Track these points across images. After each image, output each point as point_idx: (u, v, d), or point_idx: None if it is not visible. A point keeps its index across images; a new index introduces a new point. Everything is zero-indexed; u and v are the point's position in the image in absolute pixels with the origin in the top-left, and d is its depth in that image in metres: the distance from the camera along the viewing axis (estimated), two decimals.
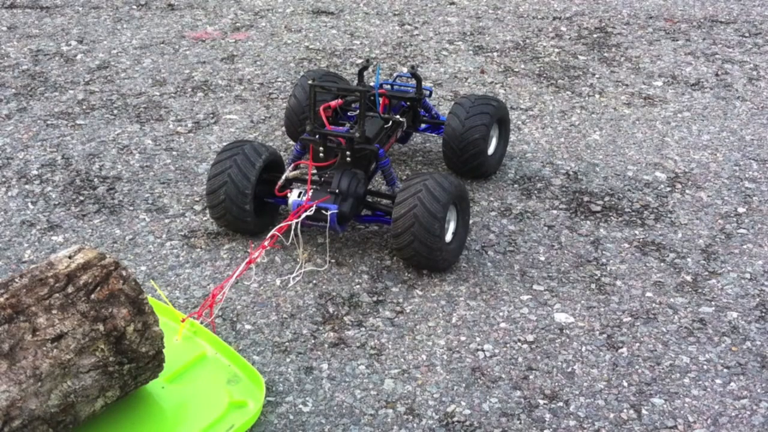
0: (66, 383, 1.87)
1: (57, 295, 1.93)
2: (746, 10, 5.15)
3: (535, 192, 3.20)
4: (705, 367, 2.40)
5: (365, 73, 3.57)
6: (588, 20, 4.93)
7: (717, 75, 4.25)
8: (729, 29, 4.84)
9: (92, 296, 1.95)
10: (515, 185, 3.24)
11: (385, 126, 2.93)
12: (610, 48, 4.54)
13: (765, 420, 2.23)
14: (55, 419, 1.86)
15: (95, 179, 3.20)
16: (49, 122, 3.60)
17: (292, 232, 2.62)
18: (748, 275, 2.79)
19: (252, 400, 2.16)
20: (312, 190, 2.68)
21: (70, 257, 2.01)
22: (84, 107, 3.74)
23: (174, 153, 3.39)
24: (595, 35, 4.71)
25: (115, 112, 3.71)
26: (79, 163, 3.30)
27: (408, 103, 3.17)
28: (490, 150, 3.20)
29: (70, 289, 1.94)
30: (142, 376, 2.06)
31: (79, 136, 3.49)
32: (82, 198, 3.08)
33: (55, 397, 1.85)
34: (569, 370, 2.37)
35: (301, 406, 2.22)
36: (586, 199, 3.17)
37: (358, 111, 2.76)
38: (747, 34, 4.77)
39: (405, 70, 4.12)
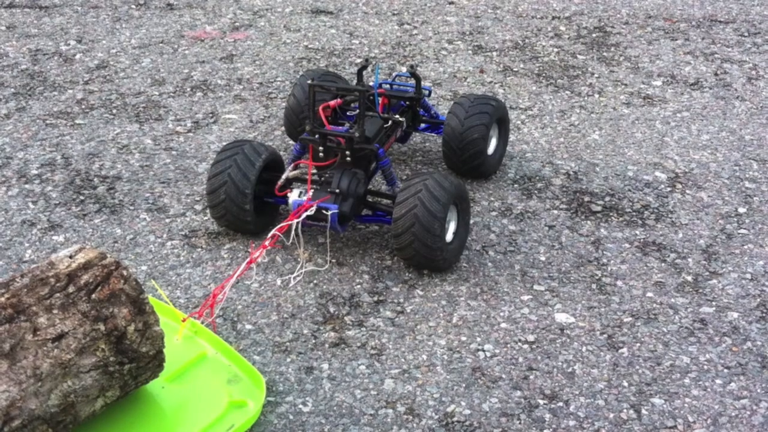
0: (66, 383, 1.87)
1: (58, 294, 1.93)
2: (745, 9, 5.16)
3: (536, 192, 3.20)
4: (705, 367, 2.40)
5: (364, 72, 3.57)
6: (587, 20, 4.93)
7: (716, 74, 4.25)
8: (728, 29, 4.84)
9: (93, 296, 1.95)
10: (515, 185, 3.24)
11: (385, 126, 2.93)
12: (609, 47, 4.54)
13: (765, 420, 2.23)
14: (55, 419, 1.85)
15: (95, 179, 3.20)
16: (48, 122, 3.60)
17: (293, 232, 2.61)
18: (748, 275, 2.79)
19: (252, 400, 2.16)
20: (312, 190, 2.68)
21: (70, 257, 2.01)
22: (83, 107, 3.73)
23: (174, 153, 3.39)
24: (594, 35, 4.71)
25: (115, 111, 3.71)
26: (78, 162, 3.30)
27: (407, 103, 3.17)
28: (490, 150, 3.20)
29: (70, 289, 1.94)
30: (143, 376, 2.06)
31: (78, 136, 3.49)
32: (82, 198, 3.08)
33: (55, 397, 1.85)
34: (569, 370, 2.37)
35: (301, 406, 2.22)
36: (586, 199, 3.17)
37: (357, 111, 2.76)
38: (746, 34, 4.77)
39: (404, 69, 4.11)
